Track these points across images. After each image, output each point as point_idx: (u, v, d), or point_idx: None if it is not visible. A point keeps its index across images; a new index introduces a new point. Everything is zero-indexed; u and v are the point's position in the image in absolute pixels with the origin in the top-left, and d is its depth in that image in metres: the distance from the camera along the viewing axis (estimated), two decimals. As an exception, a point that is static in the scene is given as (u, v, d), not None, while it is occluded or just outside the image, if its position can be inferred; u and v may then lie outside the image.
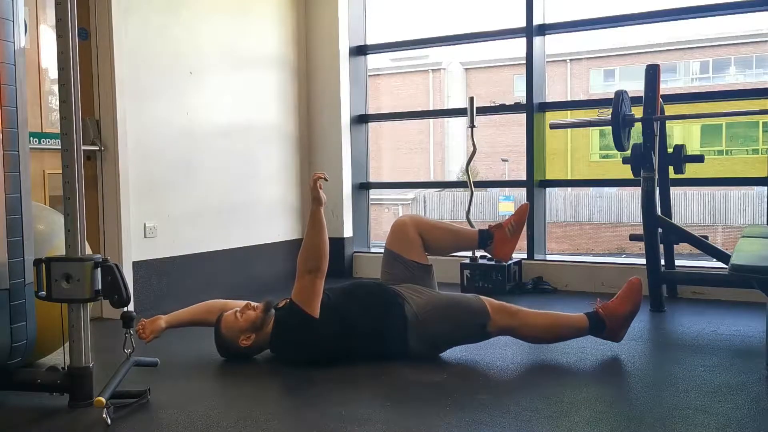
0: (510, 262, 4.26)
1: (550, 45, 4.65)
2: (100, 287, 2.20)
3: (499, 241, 2.92)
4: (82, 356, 2.21)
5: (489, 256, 3.38)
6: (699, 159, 3.92)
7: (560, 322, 2.79)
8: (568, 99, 17.25)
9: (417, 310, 2.69)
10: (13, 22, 2.16)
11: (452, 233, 2.99)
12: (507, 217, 2.98)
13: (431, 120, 18.99)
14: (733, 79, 16.99)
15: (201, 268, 4.14)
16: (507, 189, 15.94)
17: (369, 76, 5.31)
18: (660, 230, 3.65)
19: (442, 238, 2.96)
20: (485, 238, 2.94)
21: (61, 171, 2.21)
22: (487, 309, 2.71)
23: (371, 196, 5.34)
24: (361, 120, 5.16)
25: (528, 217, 2.96)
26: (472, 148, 4.53)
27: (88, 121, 3.60)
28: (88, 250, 2.33)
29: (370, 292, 2.78)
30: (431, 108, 18.94)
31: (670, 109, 4.00)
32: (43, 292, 2.21)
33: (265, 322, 2.69)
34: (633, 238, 3.89)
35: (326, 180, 2.64)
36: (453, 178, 18.12)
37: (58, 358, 2.54)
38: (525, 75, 4.55)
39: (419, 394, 2.34)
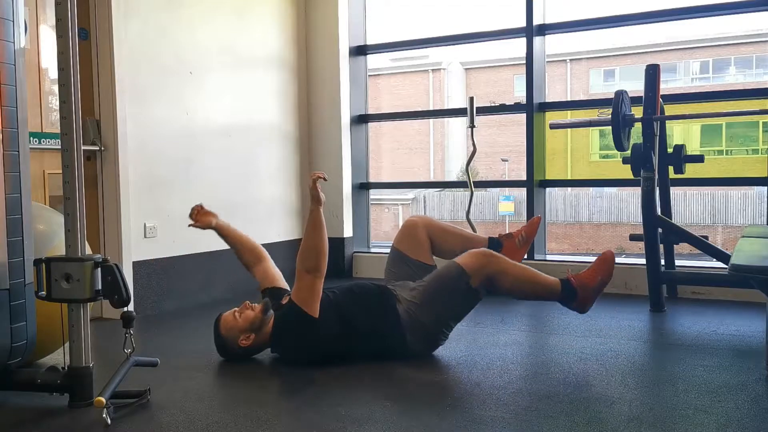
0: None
1: (550, 45, 4.65)
2: (100, 287, 2.20)
3: (508, 251, 2.93)
4: (82, 356, 2.21)
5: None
6: (699, 159, 3.92)
7: (537, 279, 2.75)
8: (568, 99, 17.27)
9: (407, 306, 2.70)
10: (13, 22, 2.16)
11: (462, 239, 3.00)
12: (519, 228, 2.99)
13: (431, 120, 19.00)
14: (733, 79, 17.00)
15: (201, 268, 4.14)
16: (507, 189, 15.94)
17: (369, 76, 5.31)
18: (660, 230, 3.65)
19: (451, 242, 2.97)
20: (494, 246, 2.94)
21: (61, 171, 2.21)
22: (462, 269, 2.67)
23: (371, 196, 5.34)
24: (361, 120, 5.16)
25: (529, 218, 2.97)
26: (472, 148, 4.53)
27: (88, 121, 3.60)
28: (88, 250, 2.33)
29: (370, 292, 2.78)
30: (431, 108, 18.95)
31: (670, 109, 4.00)
32: (43, 292, 2.20)
33: (264, 322, 2.70)
34: (633, 238, 3.89)
35: (325, 180, 2.64)
36: (453, 178, 18.12)
37: (58, 358, 2.54)
38: (525, 75, 4.55)
39: (419, 394, 2.34)
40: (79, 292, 2.18)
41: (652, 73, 3.57)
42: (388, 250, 3.08)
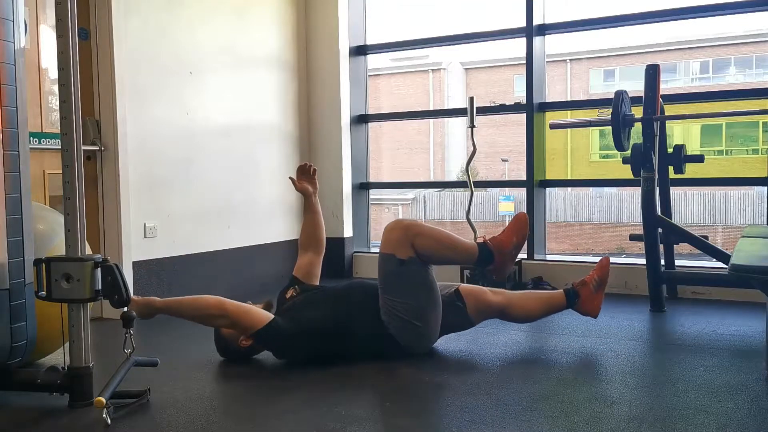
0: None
1: (550, 45, 4.65)
2: (100, 287, 2.20)
3: (586, 299, 2.91)
4: (82, 356, 2.21)
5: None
6: (699, 159, 3.92)
7: (454, 243, 2.76)
8: (568, 99, 17.26)
9: (382, 305, 2.70)
10: (13, 22, 2.16)
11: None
12: (590, 273, 2.97)
13: (431, 120, 18.99)
14: (733, 79, 17.00)
15: (201, 268, 4.14)
16: (507, 189, 15.94)
17: (369, 76, 5.31)
18: (660, 230, 3.65)
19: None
20: (571, 297, 2.92)
21: (61, 171, 2.21)
22: (385, 253, 2.71)
23: (371, 196, 5.34)
24: (361, 120, 5.16)
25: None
26: (472, 148, 4.53)
27: (88, 121, 3.60)
28: (88, 250, 2.33)
29: (367, 293, 2.78)
30: (431, 108, 18.94)
31: (670, 109, 4.00)
32: (43, 292, 2.21)
33: (265, 322, 2.70)
34: (633, 238, 3.89)
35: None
36: (453, 178, 18.12)
37: (58, 358, 2.54)
38: (525, 75, 4.55)
39: (419, 394, 2.34)
40: (79, 292, 2.18)
41: (652, 73, 3.57)
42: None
